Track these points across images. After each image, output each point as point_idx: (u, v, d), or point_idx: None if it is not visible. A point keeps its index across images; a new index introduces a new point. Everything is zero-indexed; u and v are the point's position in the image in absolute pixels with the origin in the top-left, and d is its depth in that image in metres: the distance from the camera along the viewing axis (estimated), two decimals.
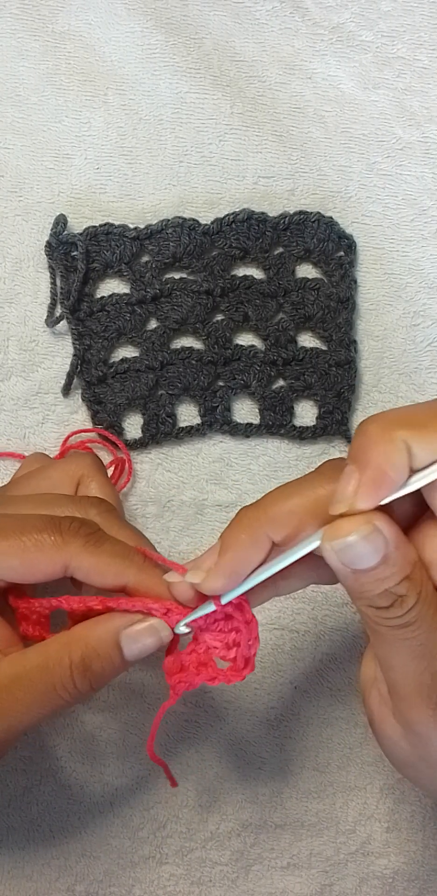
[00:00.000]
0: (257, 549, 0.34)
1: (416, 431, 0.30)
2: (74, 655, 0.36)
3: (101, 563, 0.36)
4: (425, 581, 0.32)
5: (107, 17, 0.52)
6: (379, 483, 0.31)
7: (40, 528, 0.36)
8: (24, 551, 0.36)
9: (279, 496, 0.35)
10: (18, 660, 0.36)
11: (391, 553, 0.31)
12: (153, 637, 0.36)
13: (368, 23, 0.52)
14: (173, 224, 0.50)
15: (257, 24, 0.52)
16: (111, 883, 0.48)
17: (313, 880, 0.48)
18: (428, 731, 0.33)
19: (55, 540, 0.36)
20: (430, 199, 0.51)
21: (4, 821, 0.48)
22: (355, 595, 0.33)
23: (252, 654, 0.37)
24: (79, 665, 0.35)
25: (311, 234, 0.50)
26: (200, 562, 0.36)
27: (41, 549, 0.36)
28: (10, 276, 0.50)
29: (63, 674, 0.35)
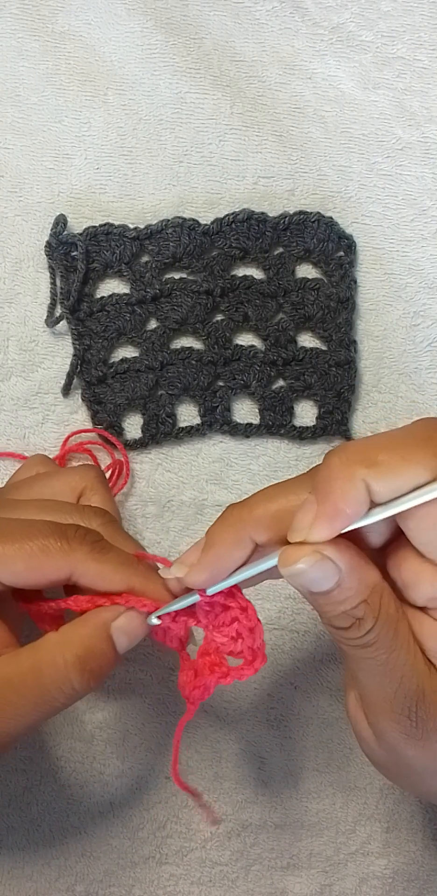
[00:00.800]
0: (240, 549, 0.35)
1: (374, 469, 0.31)
2: (67, 655, 0.35)
3: (106, 571, 0.37)
4: (385, 604, 0.33)
5: (107, 17, 0.52)
6: (333, 517, 0.32)
7: (46, 534, 0.36)
8: (29, 556, 0.36)
9: (265, 497, 0.35)
10: (10, 661, 0.36)
11: (344, 578, 0.32)
12: (142, 624, 0.37)
13: (368, 23, 0.52)
14: (173, 224, 0.50)
15: (257, 24, 0.52)
16: (111, 883, 0.48)
17: (313, 880, 0.48)
18: (395, 740, 0.34)
19: (61, 546, 0.36)
20: (430, 199, 0.51)
21: (4, 821, 0.48)
22: (318, 613, 0.34)
23: (258, 645, 0.37)
24: (75, 664, 0.35)
25: (311, 234, 0.50)
26: (185, 557, 0.37)
27: (47, 555, 0.36)
28: (10, 276, 0.50)
29: (57, 675, 0.35)
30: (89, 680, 0.36)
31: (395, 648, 0.33)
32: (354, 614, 0.33)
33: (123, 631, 0.37)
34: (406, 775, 0.36)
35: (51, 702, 0.36)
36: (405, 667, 0.33)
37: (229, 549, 0.35)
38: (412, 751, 0.34)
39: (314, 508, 0.32)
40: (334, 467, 0.32)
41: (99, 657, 0.36)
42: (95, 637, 0.36)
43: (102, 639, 0.36)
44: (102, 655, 0.36)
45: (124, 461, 0.49)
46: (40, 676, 0.35)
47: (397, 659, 0.33)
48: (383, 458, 0.31)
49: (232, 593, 0.37)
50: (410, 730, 0.33)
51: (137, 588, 0.37)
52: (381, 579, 0.33)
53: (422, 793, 0.41)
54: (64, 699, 0.36)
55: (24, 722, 0.36)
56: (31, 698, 0.35)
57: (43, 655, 0.36)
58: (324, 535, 0.32)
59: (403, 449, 0.32)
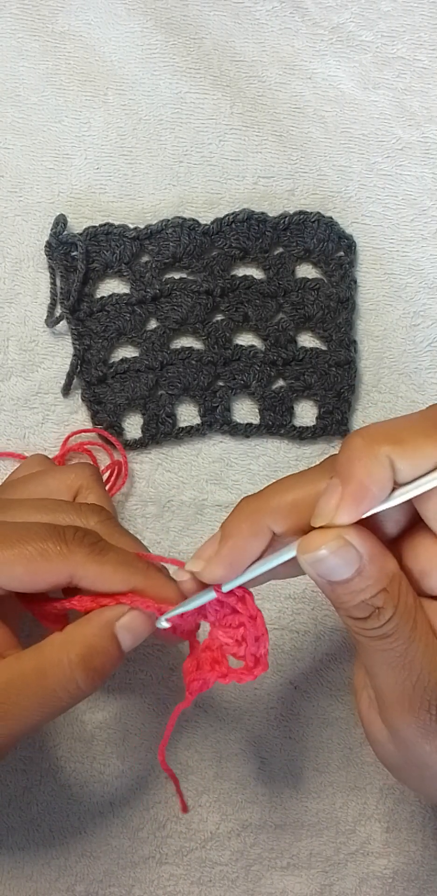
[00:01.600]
0: (258, 540, 0.35)
1: (399, 447, 0.31)
2: (71, 654, 0.35)
3: (106, 572, 0.36)
4: (403, 593, 0.32)
5: (107, 17, 0.52)
6: (360, 498, 0.31)
7: (44, 537, 0.36)
8: (28, 561, 0.35)
9: (281, 487, 0.35)
10: (14, 663, 0.36)
11: (365, 566, 0.32)
12: (146, 623, 0.37)
13: (368, 23, 0.52)
14: (173, 224, 0.50)
15: (257, 24, 0.52)
16: (111, 883, 0.48)
17: (313, 880, 0.48)
18: (412, 736, 0.33)
19: (60, 549, 0.36)
20: (430, 199, 0.51)
21: (4, 821, 0.48)
22: (335, 605, 0.34)
23: (262, 653, 0.37)
24: (79, 663, 0.35)
25: (311, 234, 0.50)
26: (201, 551, 0.36)
27: (46, 559, 0.36)
28: (10, 276, 0.50)
29: (62, 675, 0.35)
30: (94, 679, 0.36)
31: (414, 640, 0.32)
32: (373, 603, 0.32)
33: (128, 629, 0.36)
34: (421, 775, 0.35)
35: (56, 702, 0.36)
36: (424, 659, 0.32)
37: (246, 539, 0.35)
38: (430, 746, 0.33)
39: (339, 490, 0.31)
40: (356, 447, 0.31)
41: (103, 656, 0.36)
42: (99, 636, 0.36)
43: (107, 638, 0.36)
44: (106, 654, 0.36)
45: (123, 461, 0.49)
46: (45, 677, 0.35)
47: (415, 651, 0.32)
48: (406, 436, 0.31)
49: (244, 599, 0.36)
50: (428, 724, 0.33)
51: (139, 587, 0.37)
52: (399, 568, 0.33)
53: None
54: (68, 699, 0.36)
55: (28, 722, 0.36)
56: (36, 699, 0.35)
57: (47, 655, 0.36)
58: (351, 516, 0.31)
59: (425, 427, 0.31)
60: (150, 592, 0.37)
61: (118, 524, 0.40)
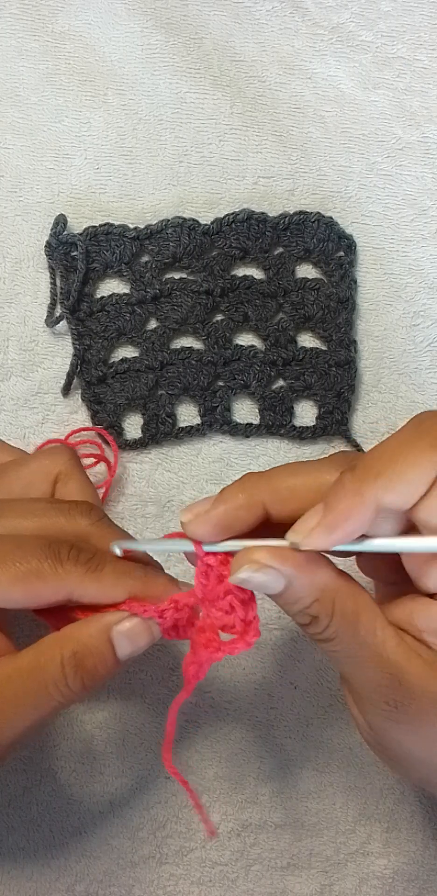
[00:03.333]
0: (250, 513, 0.35)
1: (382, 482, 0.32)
2: (65, 651, 0.35)
3: (105, 587, 0.36)
4: (339, 601, 0.34)
5: (107, 17, 0.52)
6: (333, 530, 0.33)
7: (40, 557, 0.35)
8: (25, 582, 0.35)
9: (285, 471, 0.36)
10: (10, 660, 0.36)
11: (293, 582, 0.33)
12: (145, 633, 0.36)
13: (368, 23, 0.52)
14: (173, 224, 0.50)
15: (257, 24, 0.52)
16: (111, 883, 0.48)
17: (313, 880, 0.48)
18: (381, 726, 0.35)
19: (57, 570, 0.35)
20: (430, 199, 0.51)
21: (4, 821, 0.48)
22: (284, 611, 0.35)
23: (251, 618, 0.36)
24: (70, 660, 0.35)
25: (311, 234, 0.50)
26: (195, 506, 0.36)
27: (43, 580, 0.35)
28: (10, 276, 0.50)
29: (55, 671, 0.35)
30: (84, 679, 0.36)
31: (358, 643, 0.34)
32: (308, 612, 0.34)
33: (125, 635, 0.36)
34: (396, 759, 0.37)
35: (48, 699, 0.35)
36: (372, 659, 0.34)
37: (237, 508, 0.35)
38: (396, 734, 0.35)
39: (319, 517, 0.33)
40: (345, 483, 0.33)
41: (96, 657, 0.36)
42: (94, 637, 0.36)
43: (102, 640, 0.36)
44: (99, 656, 0.36)
45: (114, 459, 0.48)
46: (39, 672, 0.35)
47: (363, 653, 0.34)
48: (387, 469, 0.32)
49: (227, 561, 0.36)
50: (392, 714, 0.34)
51: (139, 595, 0.37)
52: (336, 578, 0.34)
53: (414, 779, 0.41)
54: (60, 697, 0.35)
55: (24, 720, 0.36)
56: (30, 695, 0.35)
57: (42, 652, 0.36)
58: (319, 545, 0.33)
59: (406, 450, 0.32)
60: (149, 599, 0.37)
61: (109, 522, 0.40)
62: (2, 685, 0.35)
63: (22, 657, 0.36)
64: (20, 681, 0.35)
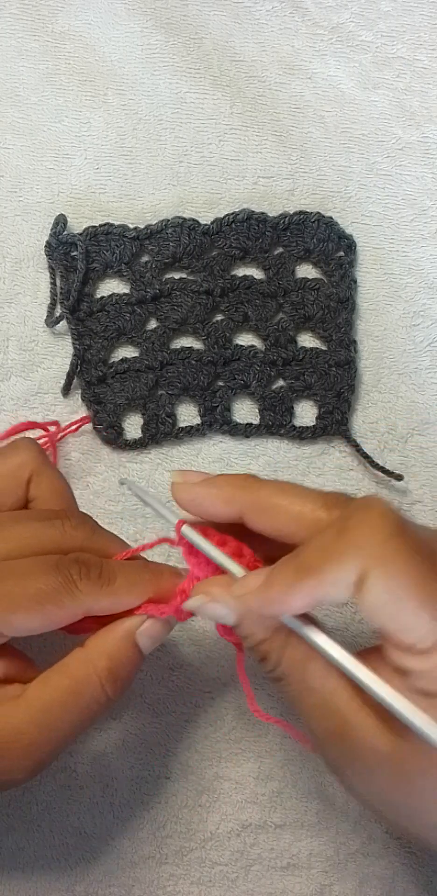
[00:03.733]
0: (228, 509, 0.36)
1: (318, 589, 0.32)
2: (100, 670, 0.36)
3: (120, 598, 0.37)
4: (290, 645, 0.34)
5: (107, 17, 0.52)
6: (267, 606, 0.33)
7: (51, 581, 0.35)
8: (42, 610, 0.35)
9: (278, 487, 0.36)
10: (46, 687, 0.36)
11: (242, 619, 0.35)
12: (165, 627, 0.38)
13: (368, 23, 0.52)
14: (173, 224, 0.50)
15: (257, 24, 0.52)
16: (111, 883, 0.48)
17: (313, 880, 0.48)
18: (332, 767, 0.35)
19: (72, 592, 0.35)
20: (430, 199, 0.51)
21: (4, 821, 0.48)
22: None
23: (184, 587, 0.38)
24: (108, 677, 0.36)
25: (311, 234, 0.50)
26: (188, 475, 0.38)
27: (60, 606, 0.35)
28: (10, 276, 0.50)
29: (94, 690, 0.36)
30: (122, 688, 0.37)
31: (306, 690, 0.34)
32: (258, 651, 0.35)
33: (148, 635, 0.37)
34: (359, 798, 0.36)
35: (91, 715, 0.36)
36: (317, 708, 0.34)
37: (219, 500, 0.36)
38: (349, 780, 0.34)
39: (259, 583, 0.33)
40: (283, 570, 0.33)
41: (128, 665, 0.37)
42: (122, 648, 0.37)
43: (129, 646, 0.37)
44: (130, 663, 0.37)
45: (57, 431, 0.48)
46: (80, 695, 0.36)
47: (308, 699, 0.34)
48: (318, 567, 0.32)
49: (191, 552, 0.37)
50: (341, 762, 0.34)
51: (153, 597, 0.37)
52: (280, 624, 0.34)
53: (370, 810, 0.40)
54: (101, 710, 0.36)
55: (68, 739, 0.36)
56: (74, 716, 0.36)
57: (76, 675, 0.36)
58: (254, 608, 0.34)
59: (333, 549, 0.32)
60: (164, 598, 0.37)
61: (102, 531, 0.40)
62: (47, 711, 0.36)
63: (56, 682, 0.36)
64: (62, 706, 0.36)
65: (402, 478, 0.49)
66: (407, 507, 0.50)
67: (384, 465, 0.49)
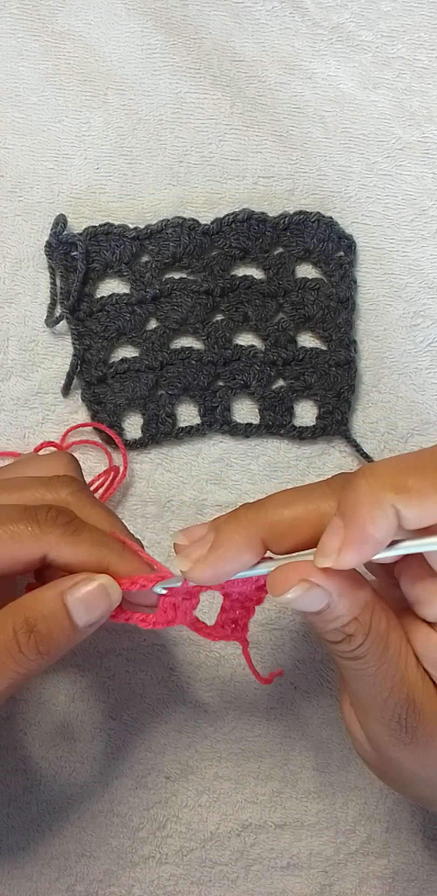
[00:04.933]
0: (249, 554, 0.34)
1: (405, 495, 0.31)
2: (17, 618, 0.34)
3: (80, 553, 0.36)
4: (375, 621, 0.33)
5: (107, 16, 0.52)
6: (363, 544, 0.31)
7: (16, 519, 0.35)
8: (1, 543, 0.35)
9: (282, 501, 0.34)
10: None
11: (334, 601, 0.33)
12: (102, 599, 0.36)
13: (368, 23, 0.52)
14: (173, 224, 0.50)
15: (257, 24, 0.52)
16: (111, 883, 0.48)
17: (313, 880, 0.48)
18: (385, 743, 0.35)
19: (33, 530, 0.35)
20: (430, 199, 0.51)
21: (4, 821, 0.48)
22: (310, 626, 0.35)
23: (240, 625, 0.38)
24: (22, 626, 0.34)
25: (311, 234, 0.50)
26: (191, 551, 0.35)
27: (19, 541, 0.35)
28: (10, 276, 0.50)
29: (7, 639, 0.34)
30: (38, 644, 0.34)
31: (385, 661, 0.33)
32: (345, 631, 0.33)
33: (81, 601, 0.35)
34: (396, 777, 0.37)
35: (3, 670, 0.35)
36: (394, 678, 0.33)
37: (237, 552, 0.34)
38: (401, 754, 0.35)
39: (342, 533, 0.31)
40: (361, 491, 0.31)
41: (50, 622, 0.35)
42: (48, 602, 0.35)
43: (56, 605, 0.35)
44: (53, 621, 0.35)
45: (123, 460, 0.49)
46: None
47: (387, 670, 0.33)
48: (412, 483, 0.31)
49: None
50: (400, 734, 0.34)
51: (112, 567, 0.36)
52: (373, 596, 0.34)
53: (412, 796, 0.41)
54: (16, 666, 0.35)
55: None
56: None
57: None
58: (353, 562, 0.32)
59: (433, 472, 0.31)
60: (121, 573, 0.36)
61: (91, 495, 0.39)
62: None
63: None
64: None
65: None
66: None
67: None
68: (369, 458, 0.49)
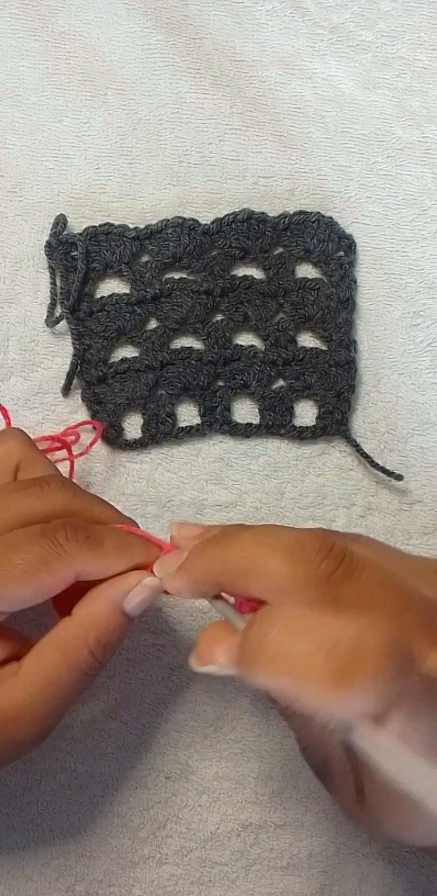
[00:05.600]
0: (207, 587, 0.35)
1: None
2: (90, 642, 0.36)
3: (109, 562, 0.37)
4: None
5: (107, 16, 0.52)
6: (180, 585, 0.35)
7: (39, 547, 0.35)
8: (33, 578, 0.35)
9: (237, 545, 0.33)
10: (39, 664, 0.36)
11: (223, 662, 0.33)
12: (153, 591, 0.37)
13: (368, 23, 0.52)
14: (173, 224, 0.50)
15: (257, 24, 0.52)
16: (111, 883, 0.48)
17: (313, 880, 0.48)
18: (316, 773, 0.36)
19: (60, 556, 0.35)
20: (430, 199, 0.51)
21: (4, 821, 0.48)
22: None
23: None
24: (97, 646, 0.36)
25: (311, 234, 0.50)
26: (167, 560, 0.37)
27: (51, 571, 0.35)
28: (10, 276, 0.50)
29: (85, 659, 0.36)
30: (111, 652, 0.37)
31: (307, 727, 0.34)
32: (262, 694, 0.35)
33: (136, 601, 0.37)
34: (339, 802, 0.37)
35: (85, 681, 0.37)
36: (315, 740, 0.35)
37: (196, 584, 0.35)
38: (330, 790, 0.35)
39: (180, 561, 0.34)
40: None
41: (116, 632, 0.37)
42: (110, 615, 0.37)
43: (117, 615, 0.37)
44: (118, 629, 0.37)
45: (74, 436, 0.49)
46: (73, 666, 0.36)
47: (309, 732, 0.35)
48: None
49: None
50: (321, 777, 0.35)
51: (141, 563, 0.37)
52: None
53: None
54: (93, 675, 0.37)
55: (67, 705, 0.37)
56: (71, 686, 0.36)
57: (67, 646, 0.36)
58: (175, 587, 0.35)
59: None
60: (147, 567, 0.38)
61: (84, 492, 0.39)
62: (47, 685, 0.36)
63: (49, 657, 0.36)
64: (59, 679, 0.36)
65: (402, 478, 0.49)
66: (407, 507, 0.50)
67: (384, 465, 0.49)
68: (369, 458, 0.49)
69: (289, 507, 0.49)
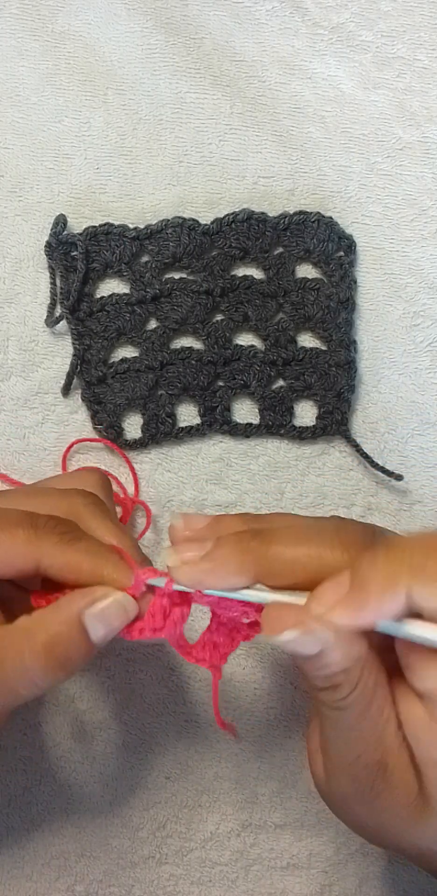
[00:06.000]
0: (240, 581, 0.34)
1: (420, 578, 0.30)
2: (33, 644, 0.34)
3: (74, 561, 0.35)
4: (364, 676, 0.33)
5: (107, 16, 0.52)
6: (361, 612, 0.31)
7: (15, 523, 0.35)
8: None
9: (286, 540, 0.34)
10: None
11: (327, 650, 0.32)
12: (119, 613, 0.35)
13: (368, 23, 0.52)
14: (173, 224, 0.50)
15: (256, 24, 0.52)
16: (111, 883, 0.48)
17: (313, 880, 0.48)
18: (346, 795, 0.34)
19: (28, 534, 0.35)
20: (430, 199, 0.51)
21: (4, 821, 0.48)
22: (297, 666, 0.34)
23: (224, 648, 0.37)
24: (41, 654, 0.34)
25: (311, 234, 0.50)
26: (184, 549, 0.35)
27: (13, 543, 0.35)
28: (10, 276, 0.50)
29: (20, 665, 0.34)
30: (56, 670, 0.34)
31: (366, 719, 0.33)
32: (332, 680, 0.32)
33: (99, 619, 0.34)
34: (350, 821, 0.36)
35: (13, 692, 0.34)
36: (371, 738, 0.33)
37: (228, 574, 0.34)
38: (361, 809, 0.34)
39: (344, 591, 0.31)
40: (378, 563, 0.31)
41: (68, 645, 0.34)
42: (65, 625, 0.34)
43: (74, 627, 0.34)
44: (71, 644, 0.34)
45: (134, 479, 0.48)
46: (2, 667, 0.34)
47: (365, 728, 0.33)
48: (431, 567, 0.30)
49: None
50: (363, 795, 0.33)
51: (107, 577, 0.35)
52: (367, 650, 0.33)
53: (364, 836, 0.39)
54: (26, 691, 0.34)
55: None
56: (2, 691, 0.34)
57: (9, 643, 0.34)
58: (345, 623, 0.31)
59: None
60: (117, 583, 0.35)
61: (105, 509, 0.39)
62: None
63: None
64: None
65: (402, 478, 0.49)
66: (407, 507, 0.50)
67: (384, 465, 0.49)
68: (369, 458, 0.49)
69: (289, 507, 0.49)
